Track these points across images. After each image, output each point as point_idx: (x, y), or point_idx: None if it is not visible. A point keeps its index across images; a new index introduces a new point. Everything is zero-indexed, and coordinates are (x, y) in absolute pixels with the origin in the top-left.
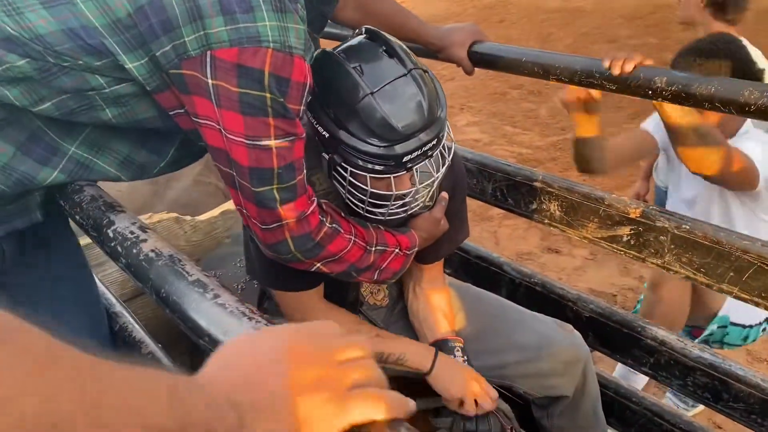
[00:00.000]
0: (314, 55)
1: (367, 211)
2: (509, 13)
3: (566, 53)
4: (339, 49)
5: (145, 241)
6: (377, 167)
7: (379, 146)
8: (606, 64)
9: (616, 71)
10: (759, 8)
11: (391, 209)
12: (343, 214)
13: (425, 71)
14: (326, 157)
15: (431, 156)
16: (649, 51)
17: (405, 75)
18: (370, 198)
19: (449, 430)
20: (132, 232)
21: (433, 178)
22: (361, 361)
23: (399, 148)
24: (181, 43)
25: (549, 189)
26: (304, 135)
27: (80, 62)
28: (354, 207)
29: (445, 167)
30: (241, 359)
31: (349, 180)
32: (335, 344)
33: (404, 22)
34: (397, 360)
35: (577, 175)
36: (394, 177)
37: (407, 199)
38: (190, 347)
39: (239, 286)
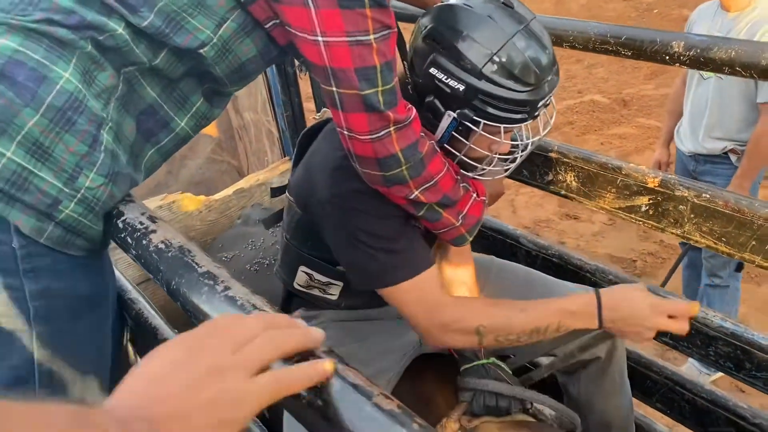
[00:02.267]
0: (434, 10)
1: (481, 172)
2: None
3: (580, 19)
4: (460, 2)
5: (154, 231)
6: (512, 116)
7: (520, 91)
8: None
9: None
10: None
11: (499, 167)
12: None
13: None
14: (451, 114)
15: (548, 104)
16: (665, 7)
17: (528, 24)
18: (492, 153)
19: (470, 404)
20: (141, 223)
21: (548, 128)
22: (257, 340)
23: (534, 94)
24: None
25: (565, 159)
26: (396, 30)
27: None
28: (466, 171)
29: (554, 116)
30: (142, 377)
31: (478, 135)
32: (231, 333)
33: None
34: (557, 329)
35: (595, 139)
36: (525, 125)
37: (523, 152)
38: None
39: (251, 268)
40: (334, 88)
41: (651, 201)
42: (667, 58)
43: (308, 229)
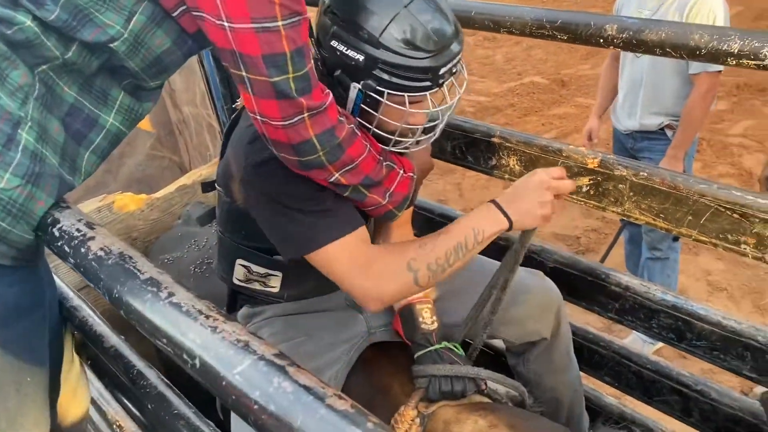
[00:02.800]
0: None
1: (394, 144)
2: None
3: (518, 3)
4: None
5: (92, 238)
6: (415, 84)
7: (418, 58)
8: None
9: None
10: None
11: (416, 138)
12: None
13: None
14: (356, 86)
15: (455, 74)
16: None
17: None
18: (404, 124)
19: (426, 390)
20: (78, 230)
21: (457, 97)
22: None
23: (434, 60)
24: None
25: (507, 144)
26: (308, 15)
27: None
28: (380, 141)
29: (464, 86)
30: None
31: (384, 106)
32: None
33: None
34: (476, 238)
35: (537, 120)
36: (429, 93)
37: (435, 123)
38: None
39: (196, 269)
40: (244, 73)
41: (592, 181)
42: (602, 41)
43: (239, 218)
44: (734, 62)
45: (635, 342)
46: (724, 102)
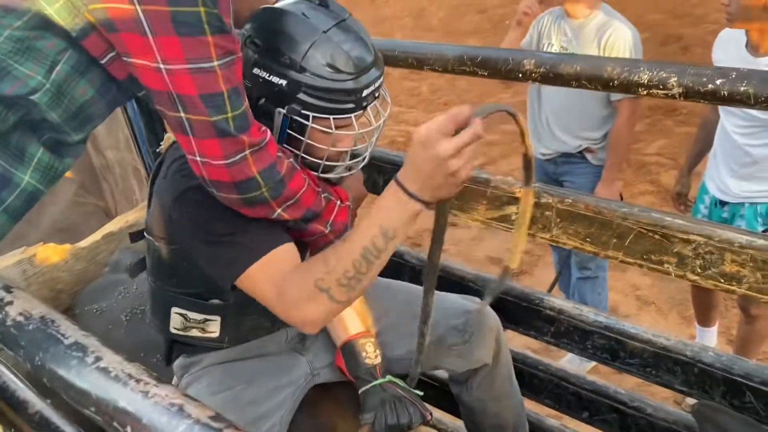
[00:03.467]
0: (253, 14)
1: (322, 171)
2: None
3: (439, 32)
4: (278, 4)
5: (11, 303)
6: (340, 106)
7: (340, 80)
8: None
9: None
10: None
11: (345, 167)
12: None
13: None
14: (281, 111)
15: (378, 97)
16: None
17: (345, 20)
18: (331, 147)
19: (372, 426)
20: None
21: (382, 119)
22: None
23: (357, 82)
24: None
25: None
26: (241, 55)
27: (5, 29)
28: (310, 168)
29: (388, 110)
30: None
31: (310, 129)
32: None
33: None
34: (386, 236)
35: None
36: (354, 116)
37: (362, 147)
38: None
39: (126, 318)
40: (182, 114)
41: (520, 210)
42: (520, 75)
43: (170, 264)
44: (645, 92)
45: (572, 361)
46: (639, 123)
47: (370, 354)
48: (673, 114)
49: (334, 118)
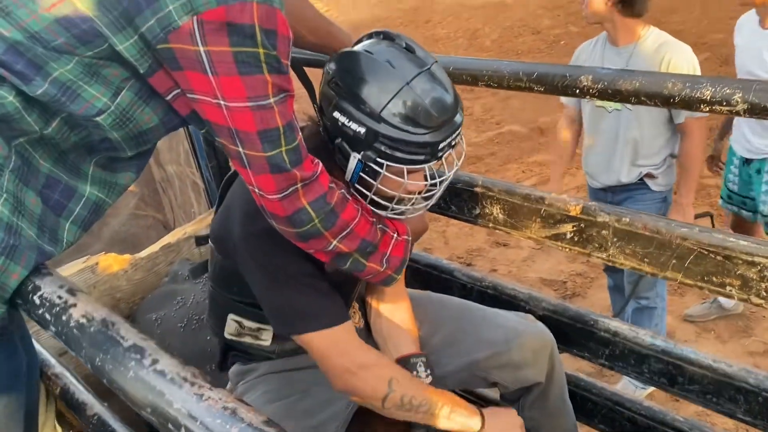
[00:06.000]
0: (337, 55)
1: (391, 210)
2: (435, 12)
3: (493, 52)
4: (362, 47)
5: (74, 306)
6: (414, 157)
7: (418, 134)
8: None
9: None
10: None
11: (414, 205)
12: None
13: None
14: (356, 156)
15: (455, 146)
16: (571, 39)
17: (429, 68)
18: (402, 192)
19: None
20: (60, 297)
21: (454, 168)
22: None
23: (434, 136)
24: (165, 14)
25: (490, 193)
26: (293, 93)
27: (76, 56)
28: (377, 210)
29: (462, 159)
30: None
31: (383, 176)
32: None
33: (328, 29)
34: (449, 414)
35: (517, 167)
36: (428, 167)
37: (433, 192)
38: None
39: (183, 327)
40: (241, 149)
41: (575, 228)
42: (577, 91)
43: (231, 274)
44: (707, 109)
45: (627, 387)
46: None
47: (422, 373)
48: None
49: (407, 167)
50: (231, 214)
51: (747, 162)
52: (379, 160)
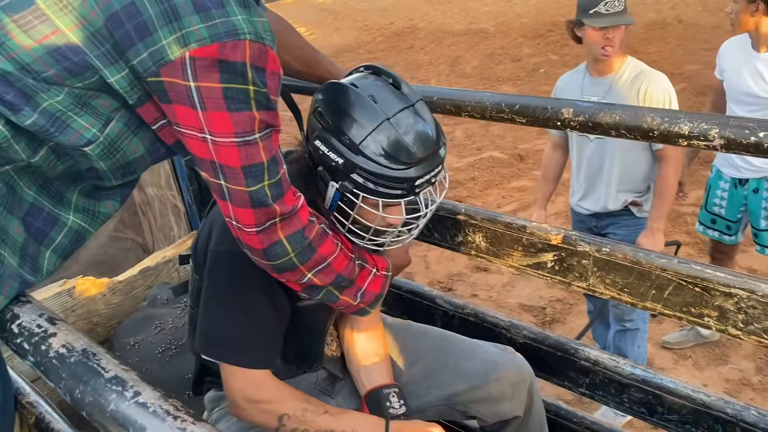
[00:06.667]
0: (324, 86)
1: (368, 241)
2: (417, 38)
3: (474, 79)
4: (349, 81)
5: (54, 335)
6: (390, 191)
7: (395, 169)
8: None
9: None
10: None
11: (391, 238)
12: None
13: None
14: (334, 185)
15: (434, 183)
16: (550, 67)
17: (413, 105)
18: (377, 225)
19: None
20: (39, 326)
21: (434, 204)
22: None
23: (411, 172)
24: (157, 48)
25: (472, 221)
26: (280, 128)
27: (66, 86)
28: (354, 239)
29: (443, 194)
30: None
31: (358, 207)
32: None
33: (315, 57)
34: None
35: (497, 193)
36: (404, 202)
37: (408, 227)
38: None
39: (160, 353)
40: (223, 182)
41: (556, 257)
42: (559, 123)
43: None
44: (686, 143)
45: (606, 414)
46: (680, 170)
47: (395, 404)
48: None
49: (382, 201)
50: (211, 230)
51: (740, 183)
52: (355, 191)
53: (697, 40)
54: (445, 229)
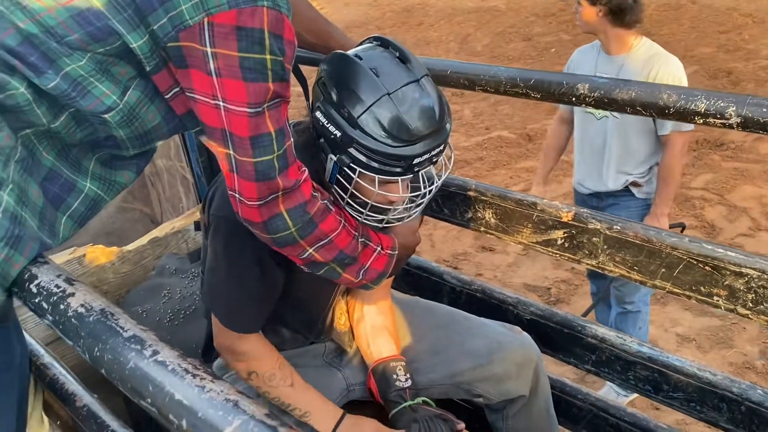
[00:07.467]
0: (329, 57)
1: (366, 217)
2: (427, 15)
3: (484, 57)
4: (354, 52)
5: (72, 295)
6: (387, 168)
7: (392, 146)
8: None
9: None
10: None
11: (392, 215)
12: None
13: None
14: (333, 158)
15: (435, 162)
16: (561, 46)
17: (418, 80)
18: (376, 202)
19: None
20: (58, 286)
21: (435, 185)
22: None
23: (410, 150)
24: (177, 13)
25: (483, 197)
26: (289, 99)
27: (89, 51)
28: (353, 213)
29: (446, 174)
30: None
31: (355, 182)
32: None
33: (327, 30)
34: (300, 416)
35: (505, 173)
36: (401, 180)
37: (409, 205)
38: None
39: (168, 321)
40: (231, 152)
41: (566, 234)
42: (574, 99)
43: None
44: (701, 121)
45: (609, 393)
46: (685, 157)
47: (401, 377)
48: (720, 148)
49: (379, 177)
50: (214, 195)
51: None
52: (352, 165)
53: (711, 23)
54: (454, 205)
